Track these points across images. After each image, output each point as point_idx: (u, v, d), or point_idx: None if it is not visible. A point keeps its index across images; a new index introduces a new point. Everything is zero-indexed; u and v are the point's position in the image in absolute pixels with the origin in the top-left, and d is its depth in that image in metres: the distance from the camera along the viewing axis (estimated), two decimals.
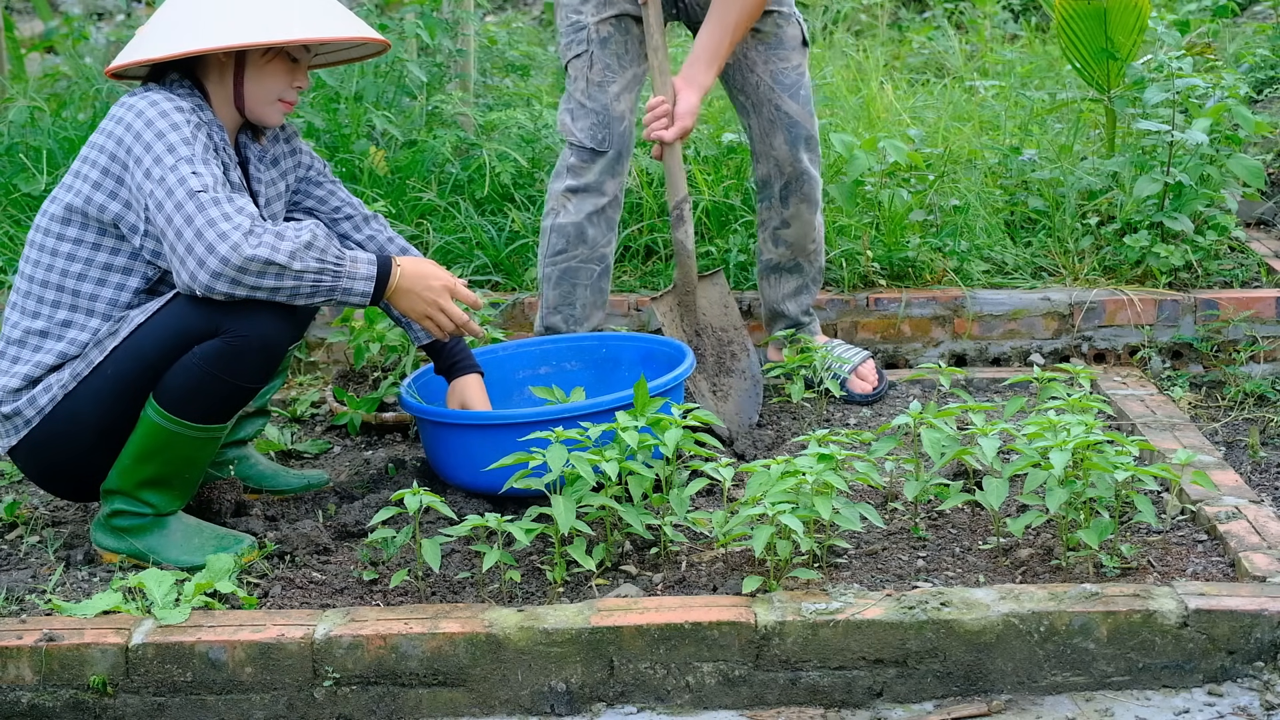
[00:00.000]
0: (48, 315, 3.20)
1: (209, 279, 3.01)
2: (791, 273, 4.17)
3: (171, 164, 3.08)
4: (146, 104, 3.16)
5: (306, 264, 3.06)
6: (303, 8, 3.23)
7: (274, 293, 3.06)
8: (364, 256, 3.17)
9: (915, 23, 7.71)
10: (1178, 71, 4.55)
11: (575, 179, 3.95)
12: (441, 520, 3.34)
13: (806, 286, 4.20)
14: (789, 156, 4.01)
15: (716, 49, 3.84)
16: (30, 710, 2.86)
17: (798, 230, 4.10)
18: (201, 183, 3.06)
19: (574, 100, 3.94)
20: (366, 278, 3.15)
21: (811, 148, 4.04)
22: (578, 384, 3.83)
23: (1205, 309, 4.42)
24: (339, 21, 3.27)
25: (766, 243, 4.15)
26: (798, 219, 4.09)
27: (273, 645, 2.85)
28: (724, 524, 3.11)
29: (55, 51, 7.42)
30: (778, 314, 4.22)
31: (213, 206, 3.03)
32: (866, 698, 2.86)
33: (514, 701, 2.87)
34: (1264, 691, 2.82)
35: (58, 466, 3.25)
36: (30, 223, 4.80)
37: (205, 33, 3.16)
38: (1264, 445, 3.86)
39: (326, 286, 3.10)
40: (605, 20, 3.91)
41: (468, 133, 5.13)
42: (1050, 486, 3.03)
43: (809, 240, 4.14)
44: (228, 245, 3.00)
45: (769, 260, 4.17)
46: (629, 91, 3.94)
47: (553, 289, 4.02)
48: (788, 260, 4.15)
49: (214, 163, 3.12)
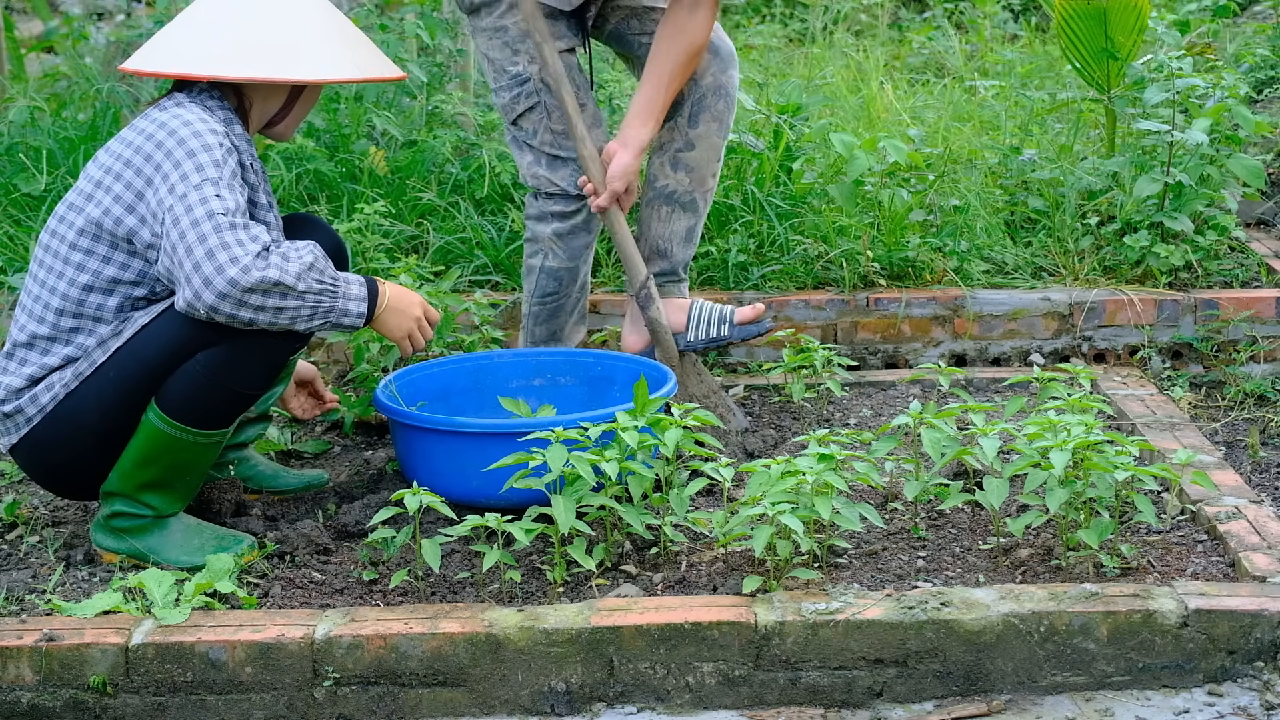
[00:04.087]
0: (53, 322, 3.20)
1: (214, 299, 3.00)
2: (686, 209, 3.91)
3: (197, 183, 3.07)
4: (180, 123, 3.15)
5: (309, 285, 3.06)
6: (352, 40, 3.31)
7: (276, 315, 3.05)
8: (354, 277, 3.18)
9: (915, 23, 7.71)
10: (1178, 71, 4.55)
11: (563, 223, 3.89)
12: (441, 520, 3.34)
13: (696, 230, 3.94)
14: (711, 65, 3.84)
15: (651, 105, 3.73)
16: (30, 710, 2.86)
17: (702, 153, 3.88)
18: (223, 206, 3.05)
19: (540, 153, 3.85)
20: (360, 298, 3.16)
21: (734, 65, 3.88)
22: (571, 399, 3.82)
23: (1205, 309, 4.42)
24: (379, 59, 3.37)
25: (664, 167, 3.89)
26: (704, 140, 3.88)
27: (273, 645, 2.85)
28: (724, 524, 3.11)
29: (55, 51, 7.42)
30: (659, 253, 3.94)
31: (228, 231, 3.02)
32: (866, 698, 2.86)
33: (514, 701, 2.87)
34: (1264, 691, 2.82)
35: (58, 465, 3.25)
36: (30, 222, 4.81)
37: (288, 61, 3.20)
38: (1264, 445, 3.86)
39: (325, 308, 3.10)
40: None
41: (468, 133, 5.13)
42: (1050, 486, 3.03)
43: (710, 170, 3.91)
44: (238, 268, 3.00)
45: (665, 186, 3.90)
46: (597, 126, 3.85)
47: (541, 326, 4.00)
48: (684, 191, 3.89)
49: (239, 189, 3.12)
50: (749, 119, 5.08)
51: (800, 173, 4.84)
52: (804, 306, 4.46)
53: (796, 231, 4.66)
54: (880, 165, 4.52)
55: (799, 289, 4.54)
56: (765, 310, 4.02)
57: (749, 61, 6.35)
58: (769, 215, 4.66)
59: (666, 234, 3.93)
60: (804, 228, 4.67)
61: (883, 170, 4.57)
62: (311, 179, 4.93)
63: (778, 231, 4.62)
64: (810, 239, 4.63)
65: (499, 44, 3.84)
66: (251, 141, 3.29)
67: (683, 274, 3.99)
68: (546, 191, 3.88)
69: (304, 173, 4.93)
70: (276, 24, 3.24)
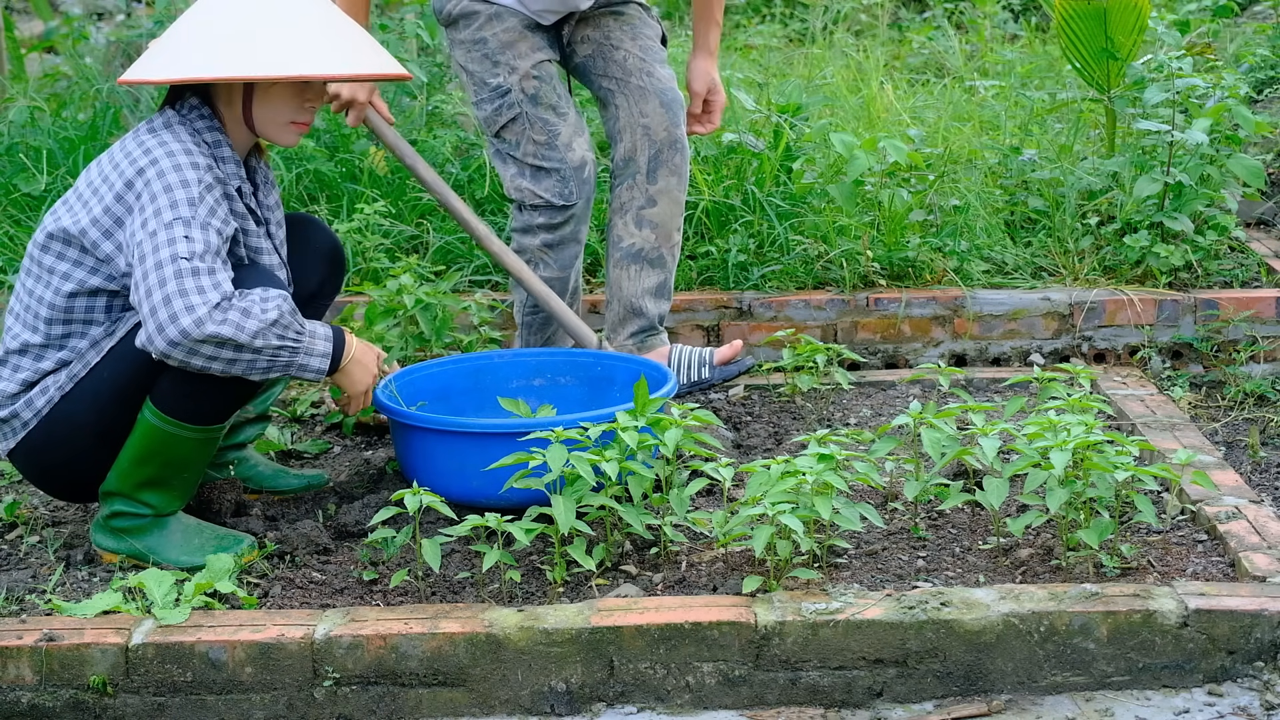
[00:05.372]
0: (45, 331, 3.19)
1: (165, 345, 2.99)
2: (654, 265, 3.93)
3: (169, 220, 3.05)
4: (164, 152, 3.12)
5: (268, 341, 3.03)
6: (315, 39, 3.19)
7: (229, 365, 3.03)
8: (321, 332, 3.14)
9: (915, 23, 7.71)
10: (1178, 71, 4.55)
11: (551, 234, 3.89)
12: (441, 520, 3.34)
13: (667, 285, 3.97)
14: (664, 121, 3.86)
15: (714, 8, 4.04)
16: (30, 710, 2.86)
17: (665, 209, 3.90)
18: (189, 249, 3.02)
19: (524, 165, 3.85)
20: (323, 354, 3.13)
21: (683, 112, 3.92)
22: (571, 399, 3.82)
23: (1205, 309, 4.42)
24: (348, 55, 3.22)
25: (628, 226, 3.91)
26: (666, 195, 3.89)
27: (273, 645, 2.85)
28: (724, 524, 3.11)
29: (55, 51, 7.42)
30: (634, 311, 3.96)
31: (190, 277, 3.00)
32: (866, 698, 2.86)
33: (514, 701, 2.87)
34: (1264, 691, 2.82)
35: (56, 468, 3.25)
36: (30, 222, 4.81)
37: (212, 60, 3.12)
38: (1264, 445, 3.86)
39: (283, 362, 3.08)
40: (526, 76, 3.81)
41: (468, 133, 5.13)
42: (1050, 486, 3.03)
43: (674, 225, 3.93)
44: (191, 319, 2.97)
45: (630, 246, 3.92)
46: (579, 134, 3.86)
47: (535, 336, 4.02)
48: (651, 249, 3.91)
49: (216, 227, 3.08)
50: (749, 119, 5.08)
51: (800, 173, 4.84)
52: (804, 306, 4.46)
53: (796, 231, 4.66)
54: (880, 165, 4.52)
55: (799, 289, 4.54)
56: (743, 347, 4.05)
57: (749, 61, 6.35)
58: (769, 215, 4.66)
59: (638, 291, 3.95)
60: (804, 228, 4.67)
61: (883, 170, 4.57)
62: (311, 179, 4.93)
63: (778, 231, 4.62)
64: (810, 239, 4.63)
65: (478, 56, 3.84)
66: (241, 162, 3.25)
67: (659, 326, 4.00)
68: (531, 204, 3.88)
69: (304, 173, 4.93)
70: (232, 24, 3.17)
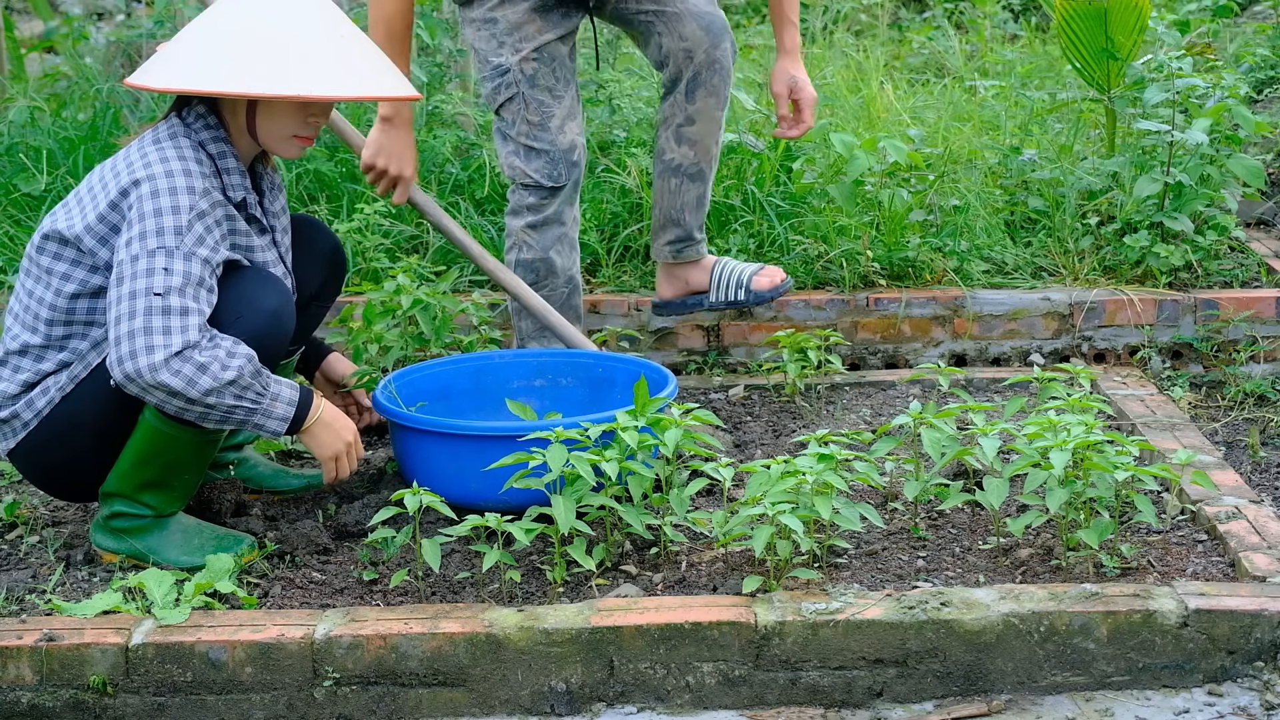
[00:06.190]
0: (45, 332, 3.19)
1: (121, 378, 3.01)
2: (694, 180, 4.05)
3: (152, 248, 3.04)
4: (163, 170, 3.11)
5: (221, 400, 3.03)
6: (321, 56, 3.17)
7: (181, 411, 3.05)
8: (287, 393, 3.13)
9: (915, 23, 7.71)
10: (1178, 71, 4.55)
11: (535, 215, 3.93)
12: (441, 520, 3.34)
13: (704, 197, 4.11)
14: (703, 42, 3.92)
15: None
16: (30, 710, 2.86)
17: (703, 127, 4.00)
18: (165, 283, 3.01)
19: (517, 144, 3.89)
20: (282, 417, 3.12)
21: (727, 37, 3.97)
22: (572, 400, 3.82)
23: (1205, 309, 4.42)
24: (354, 75, 3.20)
25: (669, 140, 4.03)
26: (704, 115, 3.98)
27: (273, 645, 2.85)
28: (724, 524, 3.11)
29: (55, 51, 7.42)
30: (673, 222, 4.10)
31: (158, 315, 3.00)
32: (866, 698, 2.86)
33: (514, 701, 2.87)
34: (1264, 691, 2.82)
35: (56, 468, 3.25)
36: (30, 222, 4.81)
37: (214, 72, 3.11)
38: (1264, 445, 3.86)
39: (238, 419, 3.09)
40: (526, 58, 3.85)
41: (468, 133, 5.13)
42: (1050, 486, 3.03)
43: (713, 140, 4.04)
44: (146, 362, 2.98)
45: (671, 160, 4.04)
46: (572, 118, 3.90)
47: (526, 320, 4.02)
48: (690, 164, 4.03)
49: (199, 258, 3.06)
50: (749, 118, 5.08)
51: (800, 173, 4.84)
52: (804, 306, 4.46)
53: (796, 231, 4.66)
54: (880, 165, 4.52)
55: (799, 289, 4.54)
56: (782, 275, 4.18)
57: (749, 61, 6.34)
58: (769, 215, 4.66)
59: (679, 204, 4.09)
60: (804, 228, 4.67)
61: (883, 170, 4.57)
62: (311, 179, 4.93)
63: (778, 231, 4.62)
64: (810, 239, 4.63)
65: (486, 35, 3.88)
66: (246, 172, 3.25)
67: (698, 235, 4.14)
68: (521, 183, 3.93)
69: (304, 173, 4.93)
70: (239, 34, 3.16)
